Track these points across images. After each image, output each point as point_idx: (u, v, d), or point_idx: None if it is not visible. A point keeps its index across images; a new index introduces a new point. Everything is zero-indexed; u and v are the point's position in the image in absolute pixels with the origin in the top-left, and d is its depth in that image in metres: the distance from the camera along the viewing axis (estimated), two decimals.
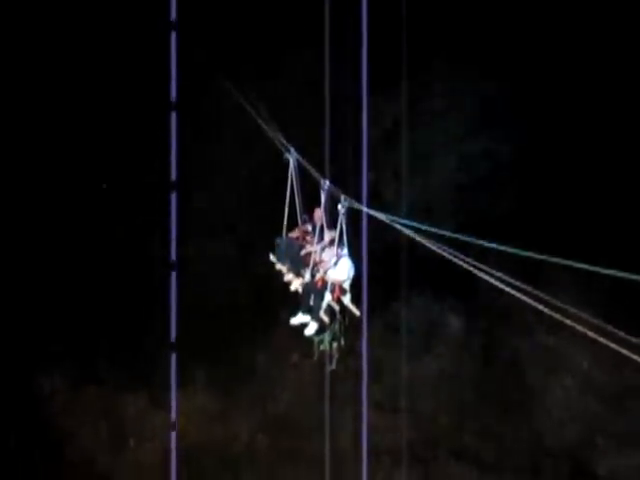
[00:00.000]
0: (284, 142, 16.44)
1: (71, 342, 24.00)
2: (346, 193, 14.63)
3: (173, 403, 23.29)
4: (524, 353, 23.61)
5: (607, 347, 11.37)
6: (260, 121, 17.50)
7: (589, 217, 22.70)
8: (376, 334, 22.98)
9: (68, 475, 23.67)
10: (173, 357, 23.33)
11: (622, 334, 11.61)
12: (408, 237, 13.55)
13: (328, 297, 14.79)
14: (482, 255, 13.24)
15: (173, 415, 23.34)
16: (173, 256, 23.36)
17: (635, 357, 11.01)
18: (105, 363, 24.07)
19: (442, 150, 23.62)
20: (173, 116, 23.09)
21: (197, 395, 24.05)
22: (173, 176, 23.33)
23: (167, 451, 23.32)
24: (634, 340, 11.46)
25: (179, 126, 23.17)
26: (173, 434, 23.34)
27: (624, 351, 11.19)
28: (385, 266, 22.61)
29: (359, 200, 14.75)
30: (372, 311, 21.50)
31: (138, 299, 23.82)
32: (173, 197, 23.31)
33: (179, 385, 23.67)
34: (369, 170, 22.73)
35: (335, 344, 15.02)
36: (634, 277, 11.35)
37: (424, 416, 23.69)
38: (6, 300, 23.91)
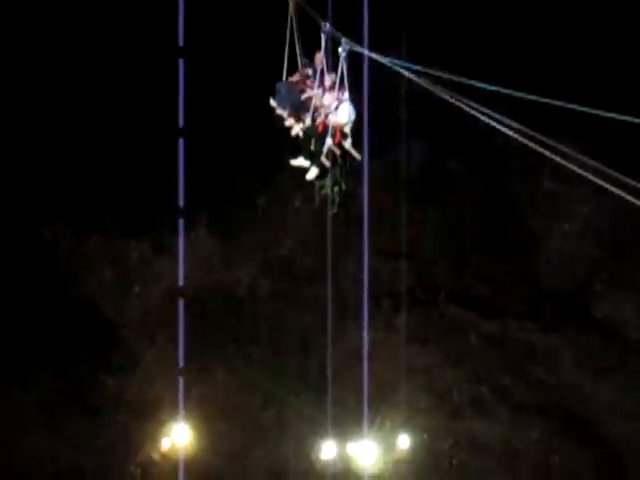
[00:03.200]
0: None
1: (74, 190, 24.04)
2: (347, 36, 14.36)
3: (181, 248, 23.41)
4: (525, 198, 23.70)
5: (608, 192, 11.36)
6: None
7: (598, 60, 22.39)
8: (376, 179, 22.97)
9: (74, 319, 24.09)
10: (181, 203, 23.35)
11: (624, 178, 11.57)
12: (410, 80, 13.36)
13: (329, 141, 14.70)
14: (486, 99, 13.09)
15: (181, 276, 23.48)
16: (181, 122, 23.14)
17: (636, 202, 10.99)
18: (109, 210, 24.16)
19: None
20: None
21: (200, 240, 24.25)
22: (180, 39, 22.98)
23: (171, 295, 23.63)
24: (635, 184, 11.42)
25: None
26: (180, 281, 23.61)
27: (626, 196, 11.17)
28: (386, 110, 22.42)
29: (360, 43, 14.43)
30: (372, 156, 21.41)
31: (142, 144, 23.77)
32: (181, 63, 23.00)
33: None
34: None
35: (336, 188, 15.01)
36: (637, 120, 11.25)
37: (424, 261, 23.95)
38: (10, 151, 23.85)
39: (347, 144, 14.90)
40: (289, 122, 15.51)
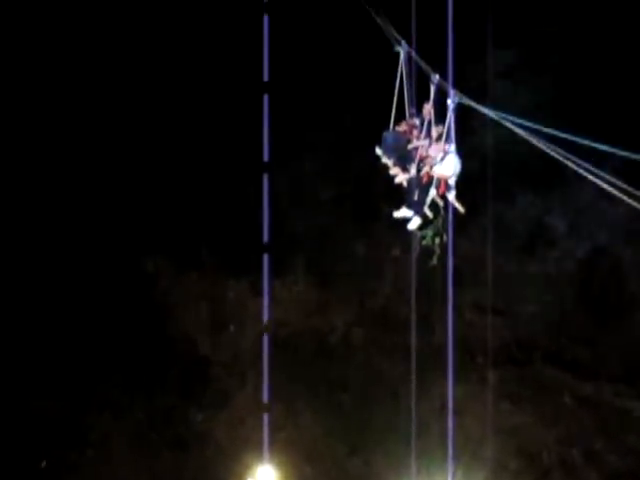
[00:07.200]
0: (395, 34, 16.18)
1: (176, 226, 24.47)
2: (456, 88, 14.42)
3: (266, 292, 23.58)
4: (628, 261, 23.27)
5: None
6: (372, 12, 17.24)
7: None
8: (478, 232, 22.85)
9: (169, 353, 24.40)
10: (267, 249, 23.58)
11: None
12: (516, 135, 13.34)
13: (433, 192, 14.74)
14: (592, 158, 12.98)
15: (266, 305, 23.63)
16: (266, 157, 23.44)
17: None
18: (208, 248, 24.51)
19: (557, 48, 23.04)
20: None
21: (296, 285, 24.38)
22: (265, 77, 23.28)
23: (263, 337, 23.77)
24: None
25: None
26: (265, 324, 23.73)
27: None
28: (491, 164, 22.35)
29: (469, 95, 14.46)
30: (475, 210, 21.32)
31: (238, 187, 24.13)
32: (266, 99, 23.29)
33: (277, 275, 23.97)
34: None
35: (437, 240, 15.02)
36: None
37: (522, 318, 23.64)
38: (119, 188, 24.46)
39: (451, 196, 14.92)
40: (394, 171, 15.62)
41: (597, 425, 23.38)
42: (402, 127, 16.15)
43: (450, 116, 14.36)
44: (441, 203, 14.89)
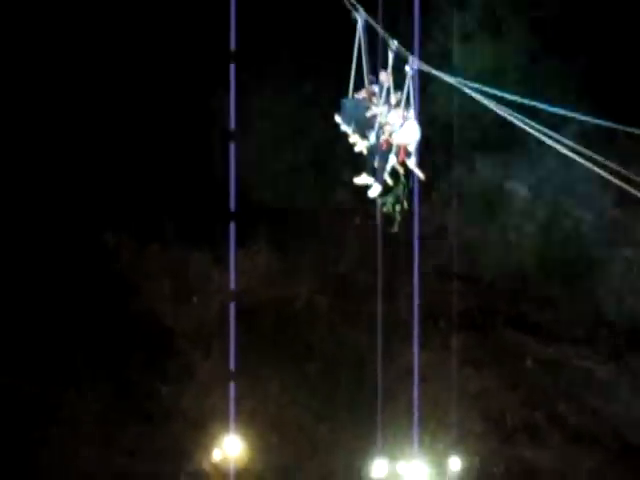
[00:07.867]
0: (353, 1, 16.06)
1: (136, 199, 24.31)
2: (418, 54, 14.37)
3: (232, 261, 23.51)
4: (588, 224, 23.46)
5: None
6: None
7: None
8: (439, 199, 22.92)
9: (132, 327, 24.32)
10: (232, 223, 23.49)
11: None
12: (476, 101, 13.33)
13: (393, 160, 14.68)
14: (552, 122, 13.03)
15: (232, 274, 23.59)
16: (232, 124, 23.27)
17: None
18: (170, 221, 24.37)
19: (514, 13, 23.08)
20: None
21: (258, 254, 24.35)
22: (232, 46, 23.08)
23: (227, 307, 23.75)
24: None
25: None
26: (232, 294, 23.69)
27: None
28: (451, 130, 22.39)
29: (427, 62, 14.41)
30: (435, 176, 21.37)
31: (200, 158, 23.98)
32: (232, 67, 23.12)
33: (240, 244, 23.92)
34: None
35: (398, 207, 14.97)
36: None
37: (483, 283, 23.80)
38: (77, 162, 24.24)
39: (411, 163, 14.88)
40: (353, 139, 15.52)
41: (560, 387, 23.65)
42: (361, 94, 16.06)
43: (409, 83, 14.28)
44: (401, 170, 14.85)
